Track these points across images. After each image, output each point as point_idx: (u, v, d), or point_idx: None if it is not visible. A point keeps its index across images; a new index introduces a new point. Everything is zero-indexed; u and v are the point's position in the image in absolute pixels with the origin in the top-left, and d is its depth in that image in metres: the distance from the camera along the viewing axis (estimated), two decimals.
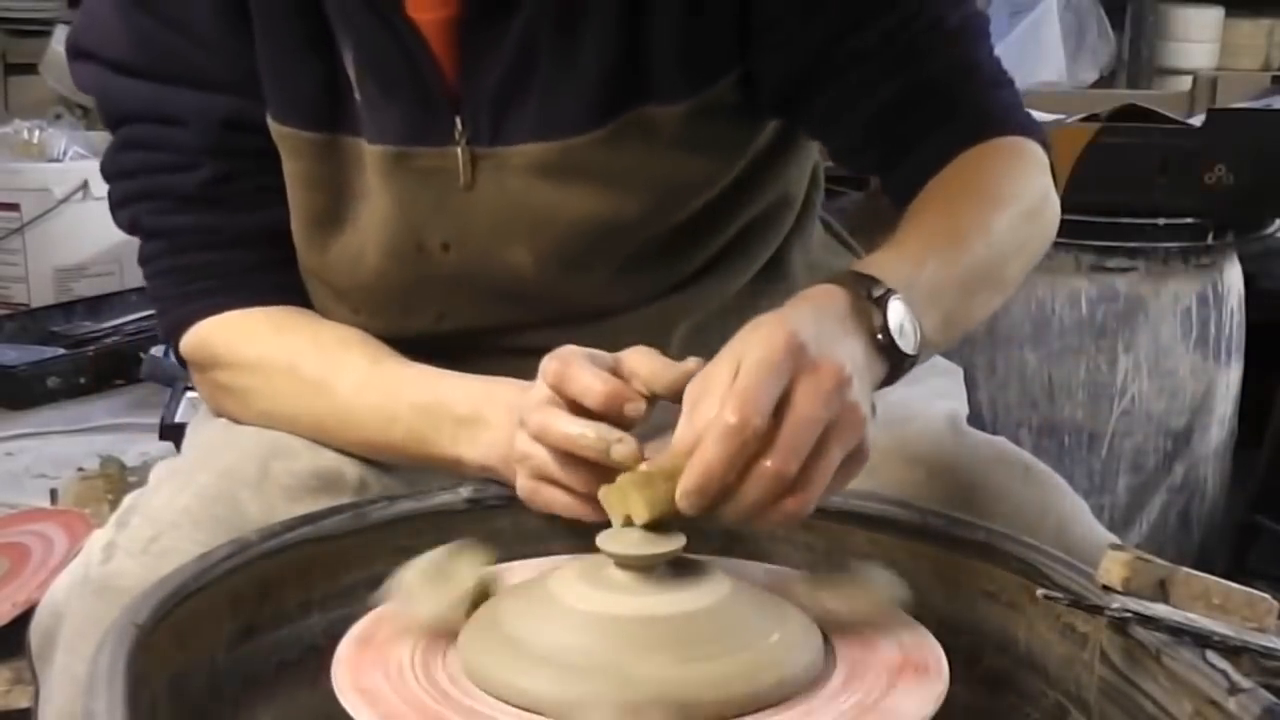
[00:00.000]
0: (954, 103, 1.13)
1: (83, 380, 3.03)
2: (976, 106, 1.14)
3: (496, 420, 1.03)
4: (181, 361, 1.23)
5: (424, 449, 1.08)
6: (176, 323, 1.19)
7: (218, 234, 1.17)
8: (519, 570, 0.94)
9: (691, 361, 0.93)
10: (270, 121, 1.15)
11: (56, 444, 2.72)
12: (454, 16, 1.11)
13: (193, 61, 1.15)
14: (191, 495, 1.05)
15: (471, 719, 0.80)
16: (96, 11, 1.19)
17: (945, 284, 1.00)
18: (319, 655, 0.89)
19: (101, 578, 1.00)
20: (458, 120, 1.13)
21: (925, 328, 0.95)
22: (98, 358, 3.08)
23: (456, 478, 1.07)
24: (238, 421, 1.18)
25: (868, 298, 0.94)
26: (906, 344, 0.94)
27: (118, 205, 1.22)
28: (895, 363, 0.94)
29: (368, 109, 1.13)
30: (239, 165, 1.17)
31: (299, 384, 1.13)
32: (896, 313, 0.94)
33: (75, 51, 1.21)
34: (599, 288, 1.18)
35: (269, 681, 0.95)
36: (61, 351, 3.10)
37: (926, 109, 1.13)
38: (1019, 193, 1.11)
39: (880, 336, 0.93)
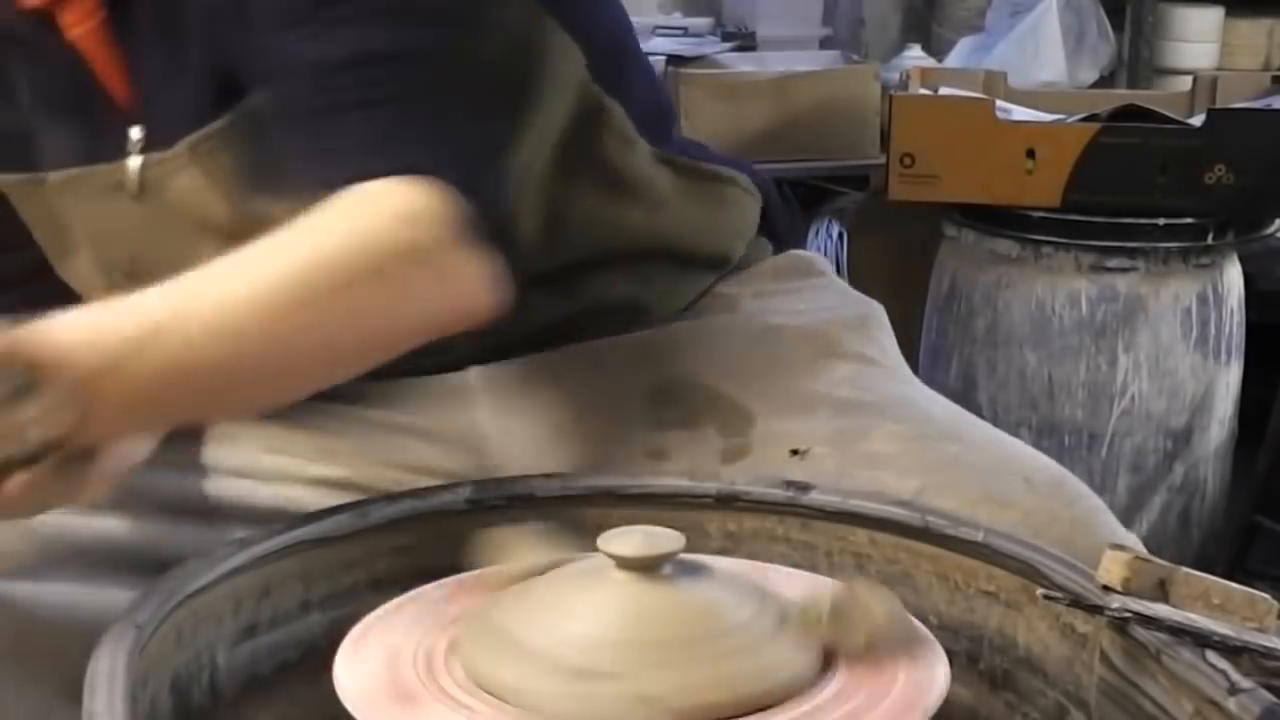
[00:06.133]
0: (332, 144, 0.96)
1: None
2: (352, 146, 0.96)
3: None
4: None
5: None
6: None
7: None
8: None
9: None
10: None
11: None
12: (98, 25, 1.07)
13: None
14: None
15: (451, 709, 0.80)
16: None
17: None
18: (319, 655, 0.89)
19: None
20: (133, 131, 1.09)
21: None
22: None
23: None
24: None
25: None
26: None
27: None
28: None
29: (46, 140, 1.12)
30: None
31: None
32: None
33: None
34: None
35: (269, 681, 0.95)
36: None
37: (313, 152, 0.97)
38: (329, 256, 0.89)
39: None
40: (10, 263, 1.18)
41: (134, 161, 1.09)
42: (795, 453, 1.12)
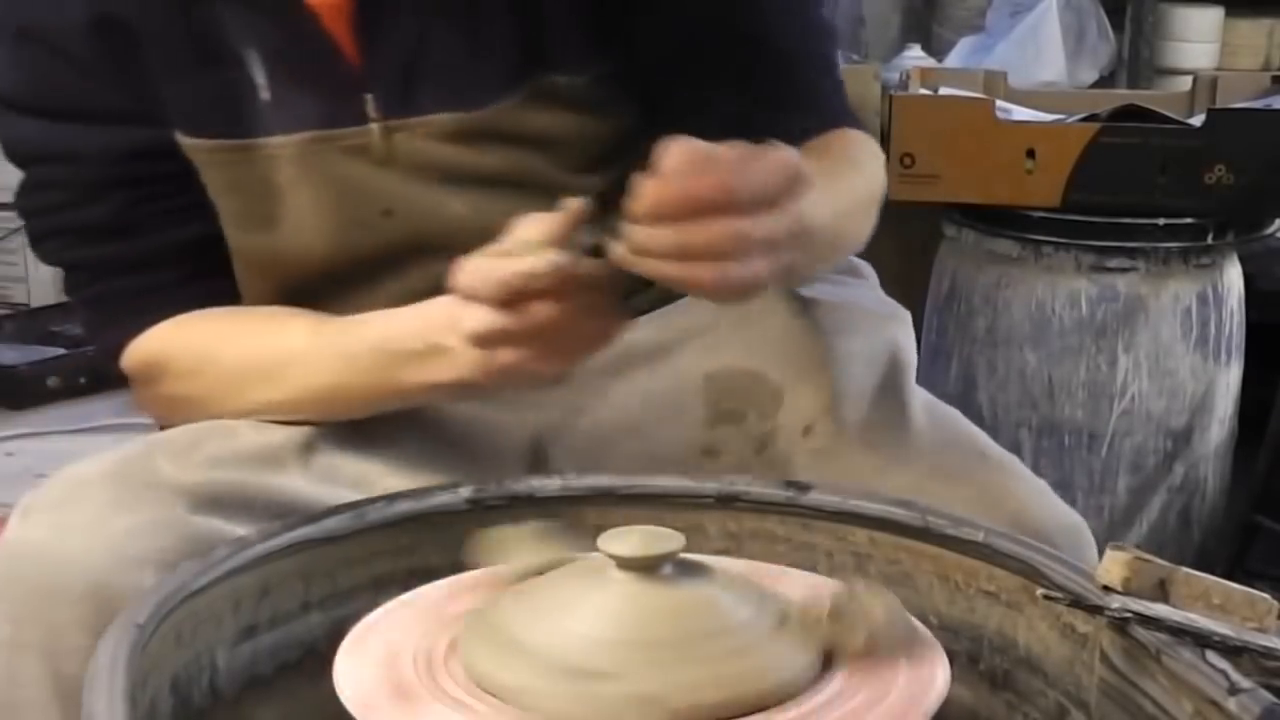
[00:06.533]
0: (815, 97, 1.21)
1: (83, 380, 3.03)
2: (830, 105, 1.22)
3: (450, 343, 1.02)
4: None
5: (395, 388, 1.07)
6: (112, 346, 1.20)
7: (136, 259, 1.18)
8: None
9: (573, 203, 0.96)
10: (180, 138, 1.15)
11: (56, 444, 2.72)
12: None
13: (84, 92, 1.14)
14: (112, 461, 1.05)
15: (451, 709, 0.80)
16: None
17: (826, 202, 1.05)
18: (319, 655, 0.89)
19: (13, 537, 1.00)
20: (367, 98, 1.14)
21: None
22: (98, 358, 3.08)
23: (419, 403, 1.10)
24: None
25: None
26: None
27: (36, 241, 1.22)
28: None
29: (279, 103, 1.14)
30: (146, 192, 1.17)
31: (254, 368, 1.12)
32: None
33: None
34: None
35: (269, 681, 0.95)
36: (61, 351, 3.09)
37: (790, 101, 1.18)
38: (865, 165, 1.20)
39: None
40: (176, 237, 1.18)
41: (377, 127, 1.14)
42: (806, 431, 1.16)
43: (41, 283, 3.40)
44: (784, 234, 0.92)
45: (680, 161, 0.90)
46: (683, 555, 0.85)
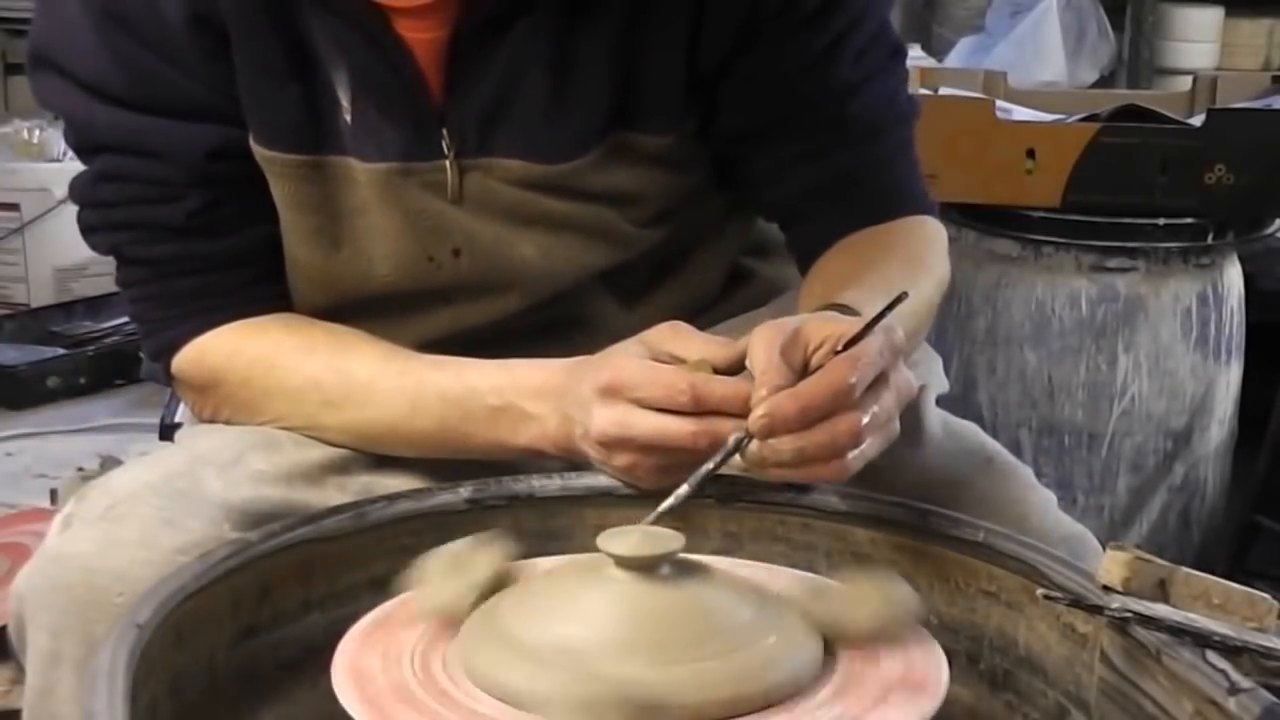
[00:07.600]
0: (893, 179, 1.22)
1: (83, 380, 3.03)
2: (905, 186, 1.24)
3: (535, 410, 1.04)
4: (169, 380, 1.21)
5: (458, 439, 1.08)
6: (166, 344, 1.18)
7: (204, 259, 1.16)
8: (539, 566, 0.94)
9: (744, 341, 0.97)
10: (254, 146, 1.14)
11: (56, 444, 2.72)
12: (445, 37, 1.12)
13: (172, 86, 1.13)
14: (156, 473, 1.05)
15: (451, 709, 0.80)
16: (66, 21, 1.14)
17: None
18: (319, 655, 0.89)
19: (57, 547, 1.01)
20: (443, 133, 1.14)
21: None
22: (98, 358, 3.09)
23: (480, 461, 1.08)
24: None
25: None
26: None
27: (93, 230, 1.19)
28: None
29: (362, 128, 1.13)
30: (224, 192, 1.15)
31: (314, 388, 1.12)
32: None
33: (41, 62, 1.16)
34: (604, 276, 1.21)
35: (269, 681, 0.95)
36: (61, 351, 3.10)
37: (866, 182, 1.20)
38: (936, 266, 1.22)
39: None
40: (244, 241, 1.17)
41: (450, 164, 1.14)
42: None
43: (41, 283, 3.41)
44: (892, 408, 0.94)
45: (772, 358, 0.93)
46: (682, 555, 0.85)
